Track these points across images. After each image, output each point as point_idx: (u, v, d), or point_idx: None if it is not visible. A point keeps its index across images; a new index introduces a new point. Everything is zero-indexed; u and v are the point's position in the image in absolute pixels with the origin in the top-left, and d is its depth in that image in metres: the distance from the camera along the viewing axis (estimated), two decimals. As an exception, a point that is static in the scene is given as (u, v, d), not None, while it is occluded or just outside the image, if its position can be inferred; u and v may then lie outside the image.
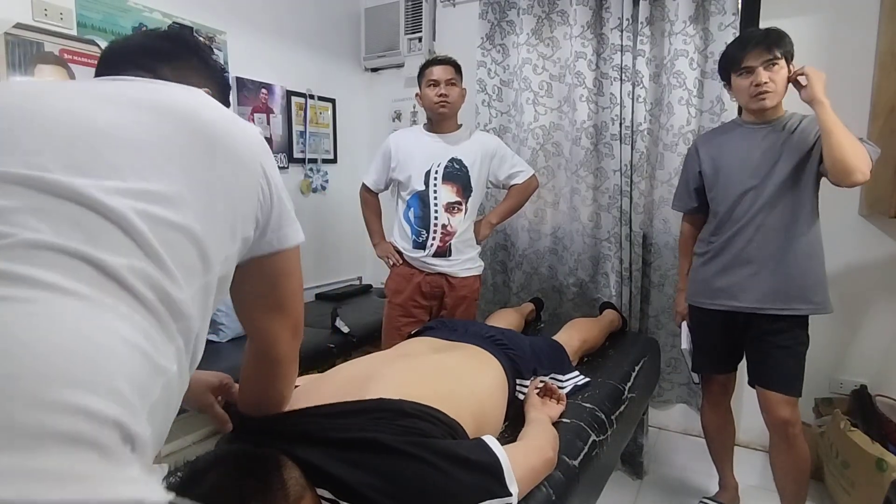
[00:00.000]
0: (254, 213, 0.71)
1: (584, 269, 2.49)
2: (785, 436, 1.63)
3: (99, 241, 0.53)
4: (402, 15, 2.96)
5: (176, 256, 0.59)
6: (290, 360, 0.90)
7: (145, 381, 0.52)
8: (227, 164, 0.68)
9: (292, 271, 0.82)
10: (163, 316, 0.56)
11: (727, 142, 1.71)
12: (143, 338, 0.53)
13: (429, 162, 2.06)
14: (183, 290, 0.59)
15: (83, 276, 0.51)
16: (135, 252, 0.56)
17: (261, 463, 0.77)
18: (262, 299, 0.82)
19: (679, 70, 2.21)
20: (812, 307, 1.60)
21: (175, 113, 0.66)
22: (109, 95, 0.65)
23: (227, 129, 0.70)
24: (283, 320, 0.84)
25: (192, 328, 0.61)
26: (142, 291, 0.54)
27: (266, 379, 0.92)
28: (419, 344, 1.48)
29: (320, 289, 2.96)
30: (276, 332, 0.85)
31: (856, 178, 1.45)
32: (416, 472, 0.86)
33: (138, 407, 0.50)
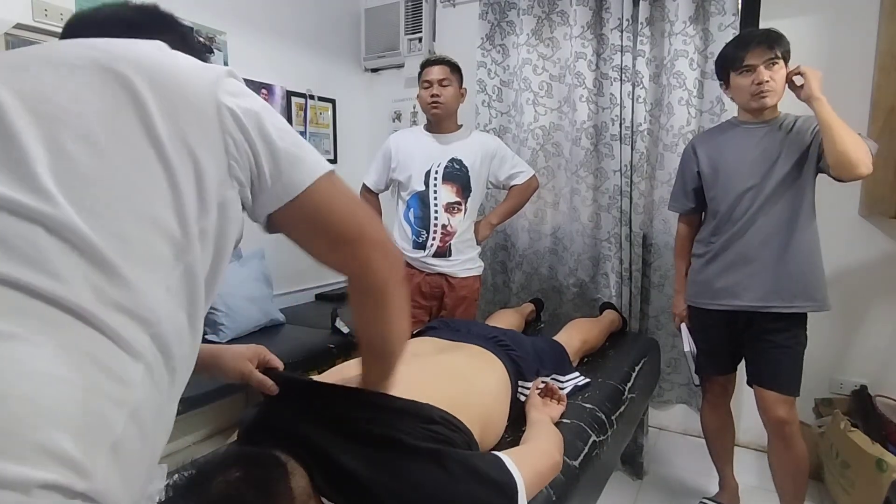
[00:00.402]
0: (224, 170, 0.59)
1: (584, 270, 2.49)
2: (782, 435, 1.63)
3: (23, 255, 0.44)
4: (402, 15, 2.96)
5: (131, 253, 0.50)
6: (394, 285, 0.78)
7: (98, 421, 0.45)
8: (176, 114, 0.55)
9: (330, 201, 0.68)
10: (120, 333, 0.48)
11: (725, 142, 1.71)
12: (89, 366, 0.45)
13: (429, 162, 2.06)
14: (144, 292, 0.50)
15: (4, 304, 0.43)
16: (73, 262, 0.46)
17: (267, 470, 0.76)
18: (319, 241, 0.71)
19: (679, 70, 2.22)
20: (812, 304, 1.60)
21: (105, 64, 0.54)
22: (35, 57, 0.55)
23: (173, 72, 0.57)
24: (361, 247, 0.71)
25: (168, 330, 0.52)
26: (87, 310, 0.46)
27: (377, 314, 0.80)
28: (424, 344, 1.48)
29: (320, 289, 2.96)
30: (364, 261, 0.72)
31: (860, 171, 1.44)
32: (433, 480, 0.86)
33: (88, 453, 0.43)
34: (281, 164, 0.63)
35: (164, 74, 0.56)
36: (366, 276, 0.74)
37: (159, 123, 0.54)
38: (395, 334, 0.85)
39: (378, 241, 0.73)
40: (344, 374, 1.19)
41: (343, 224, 0.69)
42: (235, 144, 0.60)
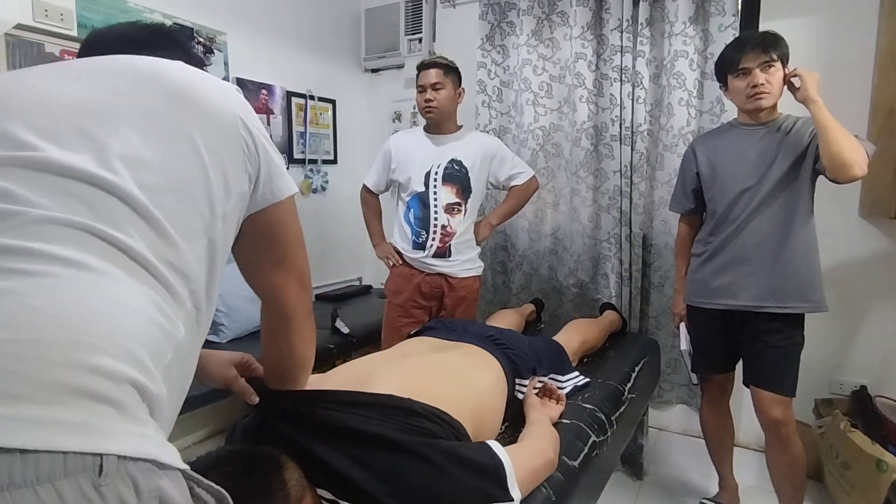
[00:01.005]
0: (243, 166, 0.71)
1: (584, 270, 2.49)
2: (778, 435, 1.64)
3: (103, 215, 0.56)
4: (402, 16, 2.96)
5: (175, 221, 0.61)
6: (302, 314, 0.88)
7: (158, 345, 0.55)
8: (206, 121, 0.68)
9: (290, 223, 0.81)
10: (171, 282, 0.59)
11: (724, 143, 1.73)
12: (152, 305, 0.56)
13: (429, 163, 2.06)
14: (186, 254, 0.62)
15: (93, 249, 0.54)
16: (137, 223, 0.58)
17: (261, 464, 0.77)
18: (263, 254, 0.81)
19: (679, 71, 2.22)
20: (808, 305, 1.61)
21: (148, 77, 0.67)
22: (83, 69, 0.67)
23: (200, 87, 0.70)
24: (287, 273, 0.83)
25: (199, 288, 0.64)
26: (150, 261, 0.57)
27: (282, 337, 0.90)
28: (419, 344, 1.49)
29: (320, 289, 2.96)
30: (283, 286, 0.84)
31: (854, 173, 1.45)
32: (420, 473, 0.86)
33: (153, 369, 0.53)
34: (272, 173, 0.76)
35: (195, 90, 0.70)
36: (281, 301, 0.85)
37: (194, 128, 0.67)
38: (297, 358, 0.95)
39: (303, 272, 0.86)
40: (343, 373, 1.20)
41: (291, 245, 0.82)
42: (247, 148, 0.72)
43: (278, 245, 0.81)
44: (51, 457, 0.42)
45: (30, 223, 0.52)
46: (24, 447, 0.41)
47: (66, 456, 0.43)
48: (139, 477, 0.47)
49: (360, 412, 0.93)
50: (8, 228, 0.51)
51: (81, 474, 0.43)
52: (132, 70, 0.68)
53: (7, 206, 0.52)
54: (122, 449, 0.46)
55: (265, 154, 0.75)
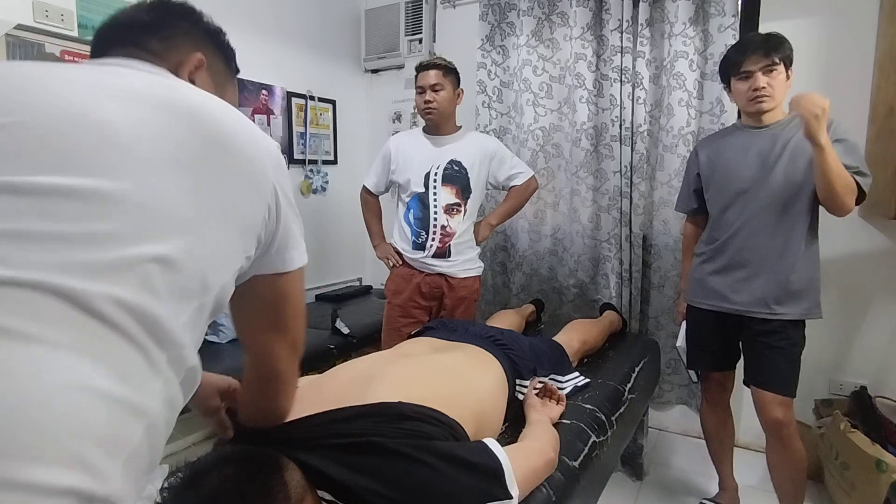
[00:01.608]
0: (257, 232, 0.67)
1: (584, 271, 2.49)
2: (779, 436, 1.64)
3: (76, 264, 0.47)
4: (402, 16, 2.96)
5: (172, 280, 0.54)
6: (289, 376, 0.86)
7: (118, 431, 0.47)
8: (238, 179, 0.63)
9: (295, 293, 0.78)
10: (149, 349, 0.51)
11: (725, 145, 1.73)
12: (117, 381, 0.47)
13: (428, 164, 2.06)
14: (172, 314, 0.54)
15: (46, 313, 0.45)
16: (120, 276, 0.50)
17: (262, 465, 0.77)
18: (261, 318, 0.78)
19: (679, 72, 2.22)
20: (800, 312, 1.61)
21: (187, 114, 0.61)
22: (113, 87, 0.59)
23: (244, 142, 0.65)
24: (282, 339, 0.80)
25: (186, 356, 0.57)
26: (122, 323, 0.49)
27: (266, 394, 0.88)
28: (419, 344, 1.49)
29: (320, 290, 2.96)
30: (275, 350, 0.80)
31: (841, 214, 1.54)
32: (416, 475, 0.86)
33: (107, 464, 0.46)
34: (289, 242, 0.72)
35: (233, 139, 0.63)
36: (272, 365, 0.82)
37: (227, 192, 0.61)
38: (278, 411, 0.92)
39: (298, 341, 0.83)
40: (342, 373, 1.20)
41: (292, 315, 0.79)
42: (268, 216, 0.68)
43: (279, 312, 0.78)
44: None
45: None
46: None
47: None
48: None
49: (344, 426, 0.92)
50: None
51: None
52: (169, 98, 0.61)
53: None
54: None
55: (285, 223, 0.70)
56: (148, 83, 0.63)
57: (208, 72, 0.78)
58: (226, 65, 0.84)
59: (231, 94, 0.72)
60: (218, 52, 0.82)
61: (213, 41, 0.81)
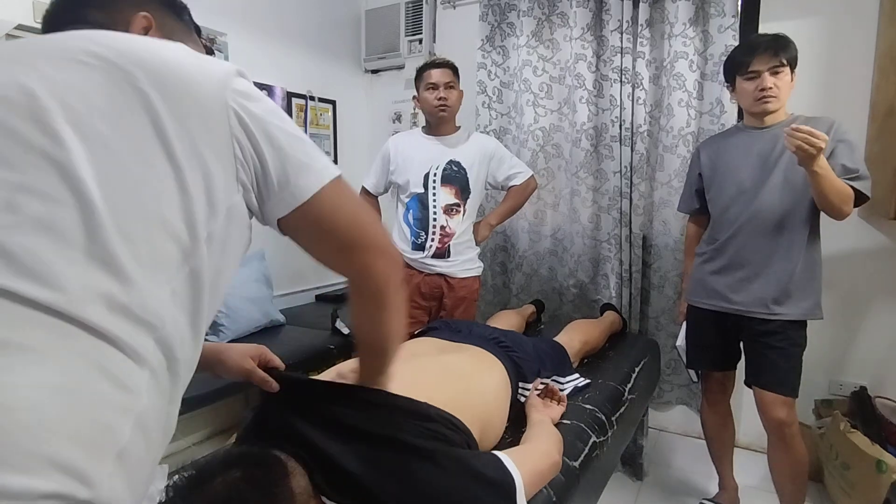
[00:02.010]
0: (232, 174, 0.58)
1: (584, 271, 2.49)
2: (782, 436, 1.64)
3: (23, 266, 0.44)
4: (402, 17, 2.96)
5: (141, 254, 0.49)
6: (393, 288, 0.77)
7: (104, 429, 0.45)
8: (186, 115, 0.55)
9: (335, 208, 0.68)
10: (124, 339, 0.47)
11: (727, 145, 1.73)
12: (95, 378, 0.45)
13: (427, 164, 2.06)
14: (151, 295, 0.50)
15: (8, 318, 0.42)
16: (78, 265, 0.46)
17: (268, 470, 0.76)
18: (323, 246, 0.71)
19: (679, 72, 2.22)
20: (800, 313, 1.61)
21: (113, 58, 0.53)
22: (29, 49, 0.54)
23: (184, 70, 0.57)
24: (362, 253, 0.72)
25: (173, 333, 0.52)
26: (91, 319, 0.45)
27: (373, 314, 0.81)
28: (425, 344, 1.48)
29: (320, 290, 2.96)
30: (364, 266, 0.73)
31: (841, 219, 1.55)
32: (431, 479, 0.86)
33: (91, 465, 0.44)
34: (289, 171, 0.63)
35: (171, 75, 0.56)
36: (367, 280, 0.75)
37: (168, 125, 0.53)
38: (392, 334, 0.86)
39: (380, 245, 0.74)
40: (340, 371, 1.20)
41: (347, 230, 0.70)
42: (242, 149, 0.59)
43: (333, 236, 0.69)
44: None
45: None
46: None
47: None
48: None
49: (377, 413, 0.92)
50: None
51: None
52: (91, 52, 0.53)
53: None
54: None
55: (274, 152, 0.62)
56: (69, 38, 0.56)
57: (159, 31, 0.72)
58: (178, 19, 0.78)
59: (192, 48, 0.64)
60: (165, 8, 0.76)
61: (173, 9, 0.77)
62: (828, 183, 1.44)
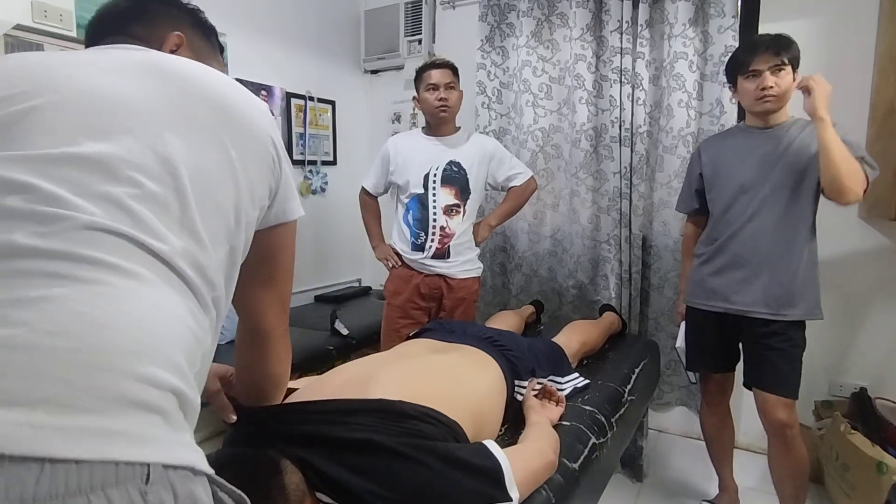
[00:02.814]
0: (268, 182, 0.74)
1: (584, 272, 2.49)
2: (783, 438, 1.63)
3: (144, 224, 0.57)
4: (401, 17, 2.96)
5: (208, 228, 0.63)
6: (279, 336, 0.88)
7: (192, 353, 0.57)
8: (241, 132, 0.70)
9: (289, 245, 0.83)
10: (201, 290, 0.61)
11: (728, 145, 1.73)
12: (188, 314, 0.58)
13: (427, 165, 2.06)
14: (213, 261, 0.63)
15: (137, 258, 0.55)
16: (176, 231, 0.60)
17: (261, 468, 0.76)
18: (255, 271, 0.80)
19: (678, 73, 2.22)
20: (801, 313, 1.60)
21: (186, 80, 0.68)
22: (123, 63, 0.67)
23: (237, 98, 0.72)
24: (271, 294, 0.84)
25: (221, 296, 0.65)
26: (186, 272, 0.59)
27: (257, 357, 0.90)
28: (417, 345, 1.48)
29: (319, 291, 2.95)
30: (265, 306, 0.85)
31: (847, 199, 1.48)
32: (415, 476, 0.85)
33: (190, 377, 0.56)
34: (287, 193, 0.78)
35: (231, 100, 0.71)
36: (265, 322, 0.86)
37: (227, 136, 0.68)
38: (270, 377, 0.93)
39: (285, 298, 0.88)
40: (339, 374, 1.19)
41: (280, 268, 0.84)
42: (273, 165, 0.75)
43: (271, 265, 0.82)
44: (104, 466, 0.44)
45: (80, 229, 0.53)
46: (80, 458, 0.43)
47: (118, 466, 0.45)
48: (178, 484, 0.49)
49: (343, 418, 0.92)
50: (61, 231, 0.52)
51: (130, 482, 0.45)
52: (173, 72, 0.69)
53: (57, 210, 0.53)
54: (167, 458, 0.49)
55: (285, 174, 0.77)
56: (139, 57, 0.69)
57: (189, 49, 0.83)
58: (206, 40, 0.89)
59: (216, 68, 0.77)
60: (197, 29, 0.87)
61: (192, 19, 0.87)
62: (835, 140, 1.45)
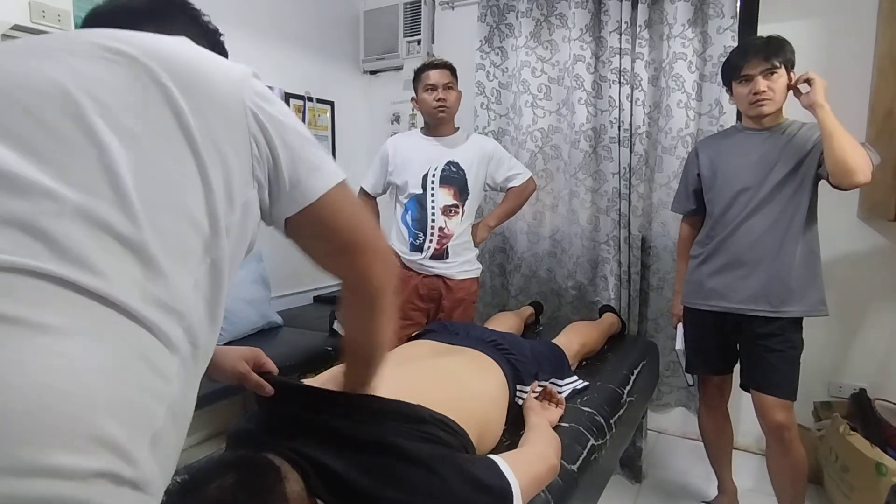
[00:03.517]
0: (248, 170, 0.60)
1: (583, 272, 2.49)
2: (781, 439, 1.63)
3: (69, 253, 0.45)
4: (400, 18, 2.96)
5: (170, 245, 0.51)
6: (388, 293, 0.78)
7: (143, 413, 0.47)
8: (208, 112, 0.57)
9: (338, 210, 0.69)
10: (161, 327, 0.49)
11: (727, 146, 1.74)
12: (136, 364, 0.47)
13: (426, 165, 2.06)
14: (179, 285, 0.52)
15: (53, 302, 0.44)
16: (118, 257, 0.48)
17: (262, 475, 0.75)
18: (325, 247, 0.72)
19: (678, 73, 2.22)
20: (803, 309, 1.60)
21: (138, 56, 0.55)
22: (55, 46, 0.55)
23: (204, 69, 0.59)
24: (361, 255, 0.73)
25: (197, 321, 0.54)
26: (133, 307, 0.47)
27: (367, 319, 0.81)
28: (421, 347, 1.47)
29: (318, 291, 2.95)
30: (362, 269, 0.74)
31: (857, 179, 1.46)
32: (428, 486, 0.85)
33: (134, 443, 0.45)
34: (300, 171, 0.66)
35: (192, 73, 0.58)
36: (365, 282, 0.76)
37: (191, 121, 0.55)
38: (382, 342, 0.87)
39: (378, 250, 0.75)
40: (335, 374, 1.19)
41: (350, 232, 0.72)
42: (258, 147, 0.62)
43: (336, 236, 0.71)
44: None
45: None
46: None
47: None
48: None
49: (370, 419, 0.92)
50: None
51: None
52: (116, 49, 0.55)
53: None
54: None
55: (287, 152, 0.64)
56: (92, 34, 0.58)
57: None
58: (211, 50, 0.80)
59: None
60: (203, 39, 0.76)
61: (209, 41, 0.78)
62: (838, 124, 1.45)
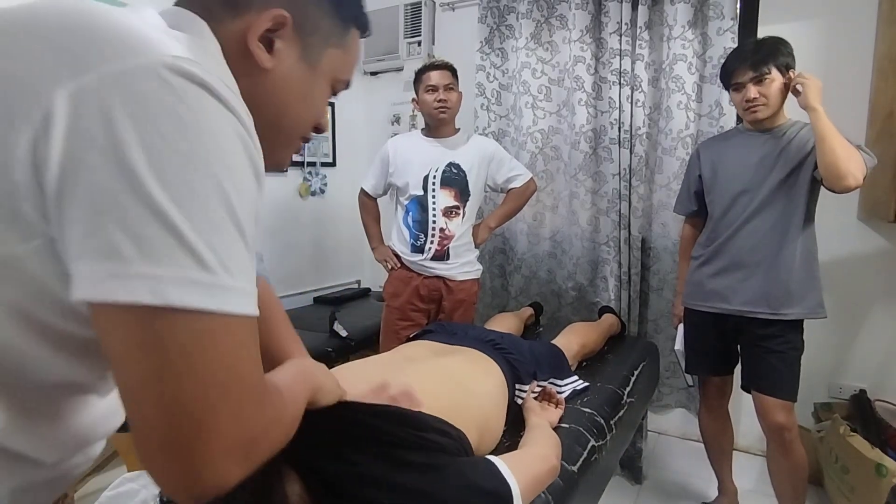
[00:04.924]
0: (8, 205, 0.38)
1: (583, 273, 2.49)
2: (781, 441, 1.63)
3: None
4: (401, 19, 2.96)
5: None
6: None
7: None
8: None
9: (130, 353, 0.39)
10: None
11: (728, 147, 1.74)
12: None
13: (427, 167, 2.06)
14: None
15: None
16: None
17: (263, 476, 0.75)
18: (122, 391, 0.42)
19: (678, 74, 2.22)
20: (803, 312, 1.61)
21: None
22: None
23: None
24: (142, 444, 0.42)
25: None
26: None
27: None
28: (420, 348, 1.47)
29: (318, 292, 2.95)
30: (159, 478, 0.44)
31: (847, 183, 1.46)
32: (427, 494, 0.84)
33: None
34: (95, 228, 0.41)
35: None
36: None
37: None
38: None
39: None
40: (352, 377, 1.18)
41: (135, 393, 0.47)
42: (34, 154, 0.42)
43: (119, 378, 0.41)
44: None
45: None
46: None
47: None
48: None
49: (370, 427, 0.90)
50: None
51: None
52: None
53: None
54: None
55: (95, 193, 0.36)
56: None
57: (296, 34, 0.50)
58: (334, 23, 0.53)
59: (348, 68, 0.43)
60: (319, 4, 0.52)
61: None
62: (831, 127, 1.46)
